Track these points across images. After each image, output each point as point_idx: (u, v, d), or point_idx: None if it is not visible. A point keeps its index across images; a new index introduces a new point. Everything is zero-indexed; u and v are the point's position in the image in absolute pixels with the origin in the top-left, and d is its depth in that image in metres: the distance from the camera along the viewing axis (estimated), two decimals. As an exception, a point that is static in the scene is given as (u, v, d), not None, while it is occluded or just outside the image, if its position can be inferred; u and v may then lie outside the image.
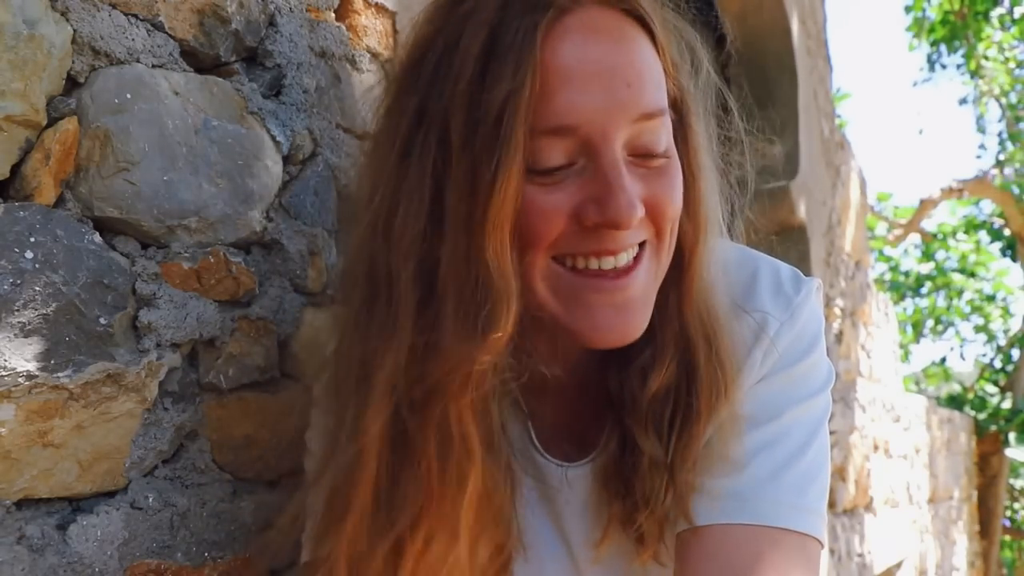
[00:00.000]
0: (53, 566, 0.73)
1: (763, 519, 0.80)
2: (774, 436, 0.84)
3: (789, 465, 0.83)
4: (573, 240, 0.74)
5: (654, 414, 0.81)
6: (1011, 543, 10.87)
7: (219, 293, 0.89)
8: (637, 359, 0.82)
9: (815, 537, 0.82)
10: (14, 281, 0.70)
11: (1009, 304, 13.00)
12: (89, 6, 0.77)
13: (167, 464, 0.86)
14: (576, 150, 0.73)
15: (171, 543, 0.84)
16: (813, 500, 0.83)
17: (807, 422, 0.86)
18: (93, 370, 0.75)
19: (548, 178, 0.73)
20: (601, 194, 0.72)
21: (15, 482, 0.72)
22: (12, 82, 0.70)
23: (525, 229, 0.73)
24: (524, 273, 0.74)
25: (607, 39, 0.73)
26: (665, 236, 0.78)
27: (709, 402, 0.81)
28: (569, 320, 0.76)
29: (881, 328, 5.17)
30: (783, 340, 0.86)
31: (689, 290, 0.81)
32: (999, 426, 8.97)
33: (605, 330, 0.76)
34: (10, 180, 0.73)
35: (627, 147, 0.74)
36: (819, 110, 3.72)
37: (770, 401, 0.85)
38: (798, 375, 0.86)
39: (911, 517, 5.41)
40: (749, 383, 0.84)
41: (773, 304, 0.87)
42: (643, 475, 0.81)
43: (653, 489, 0.81)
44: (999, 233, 12.23)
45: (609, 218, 0.72)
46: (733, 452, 0.82)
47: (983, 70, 11.41)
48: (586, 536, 0.88)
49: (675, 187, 0.77)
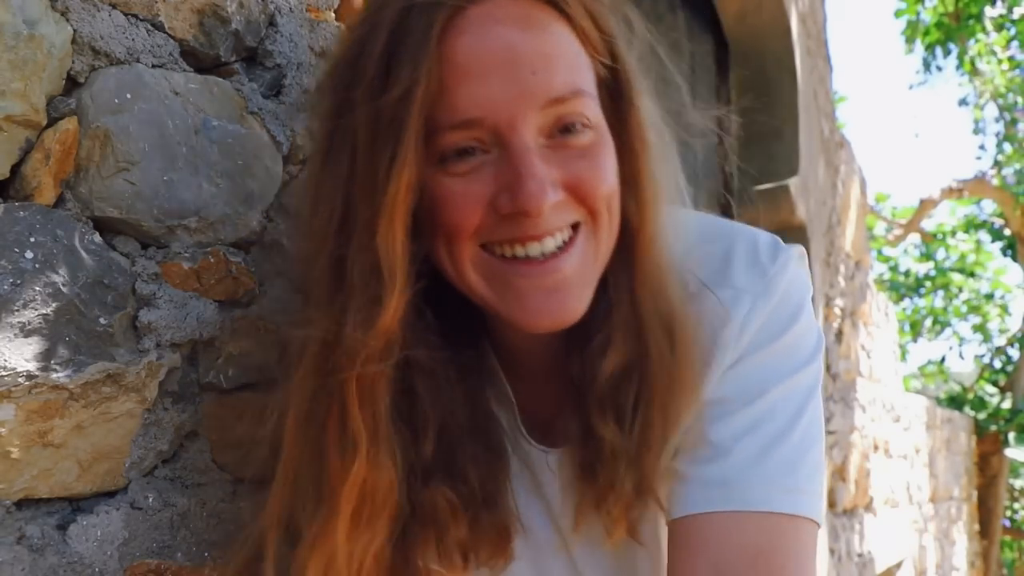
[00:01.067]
0: (53, 566, 0.73)
1: (751, 504, 0.79)
2: (758, 417, 0.82)
3: (776, 445, 0.81)
4: (494, 228, 0.75)
5: (611, 399, 0.81)
6: (1011, 543, 10.88)
7: (219, 293, 0.89)
8: (593, 343, 0.81)
9: (808, 518, 0.81)
10: (14, 281, 0.70)
11: (1008, 303, 13.01)
12: (89, 6, 0.77)
13: (167, 464, 0.86)
14: (488, 140, 0.74)
15: (171, 543, 0.84)
16: (804, 479, 0.81)
17: (793, 397, 0.84)
18: (93, 370, 0.75)
19: (461, 165, 0.74)
20: (511, 182, 0.73)
21: (15, 482, 0.72)
22: (12, 82, 0.70)
23: (446, 220, 0.75)
24: (455, 263, 0.77)
25: (511, 28, 0.73)
26: (601, 216, 0.77)
27: (665, 386, 0.80)
28: (503, 306, 0.77)
29: (881, 328, 5.17)
30: (758, 316, 0.83)
31: (638, 270, 0.81)
32: (999, 426, 8.97)
33: (537, 314, 0.76)
34: (10, 180, 0.73)
35: (543, 132, 0.75)
36: (819, 110, 3.72)
37: (751, 381, 0.83)
38: (780, 350, 0.84)
39: (911, 517, 5.42)
40: (722, 365, 0.82)
41: (747, 278, 0.84)
42: (605, 460, 0.81)
43: (616, 474, 0.81)
44: (999, 233, 12.23)
45: (519, 205, 0.73)
46: (715, 436, 0.81)
47: (979, 72, 11.41)
48: (568, 518, 0.88)
49: (603, 167, 0.77)
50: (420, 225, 0.76)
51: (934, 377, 13.01)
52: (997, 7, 11.06)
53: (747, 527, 0.79)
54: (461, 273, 0.77)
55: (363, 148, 0.74)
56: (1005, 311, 13.01)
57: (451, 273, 0.79)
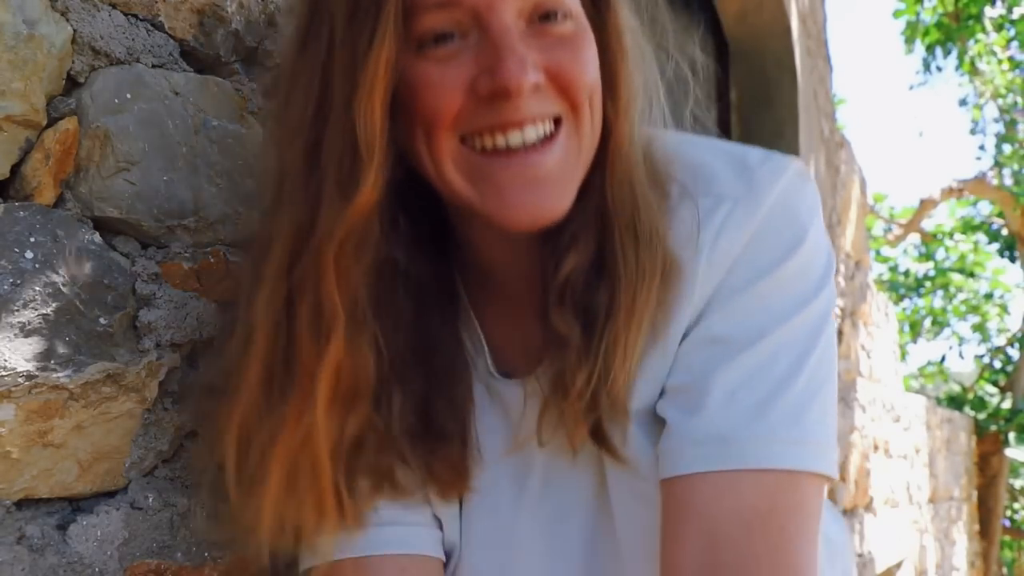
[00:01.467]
0: (53, 566, 0.73)
1: (748, 462, 0.73)
2: (759, 362, 0.75)
3: (779, 393, 0.74)
4: (474, 115, 0.73)
5: (574, 298, 0.78)
6: (1011, 543, 10.87)
7: (219, 293, 0.89)
8: (561, 240, 0.78)
9: (814, 472, 0.75)
10: (14, 281, 0.70)
11: (1007, 302, 13.01)
12: (89, 6, 0.77)
13: (167, 464, 0.85)
14: (467, 23, 0.72)
15: (171, 543, 0.84)
16: (810, 429, 0.75)
17: (800, 336, 0.77)
18: (93, 370, 0.75)
19: (440, 51, 0.72)
20: (491, 63, 0.71)
21: (15, 482, 0.72)
22: (12, 82, 0.70)
23: (424, 107, 0.73)
24: (434, 158, 0.74)
25: None
26: (582, 111, 0.75)
27: (631, 290, 0.76)
28: (481, 204, 0.74)
29: (881, 328, 5.17)
30: (740, 223, 0.77)
31: (610, 169, 0.78)
32: (999, 426, 8.97)
33: (515, 208, 0.73)
34: (10, 180, 0.73)
35: (523, 15, 0.73)
36: (819, 110, 3.72)
37: (751, 319, 0.76)
38: (784, 280, 0.77)
39: (911, 517, 5.42)
40: (697, 275, 0.77)
41: (732, 184, 0.79)
42: (570, 365, 0.77)
43: (581, 377, 0.76)
44: (997, 234, 12.23)
45: (499, 83, 0.71)
46: (711, 385, 0.75)
47: (979, 72, 11.41)
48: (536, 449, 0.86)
49: (585, 59, 0.75)
50: (398, 119, 0.74)
51: (934, 377, 13.01)
52: (997, 7, 11.06)
53: (743, 488, 0.73)
54: (440, 170, 0.75)
55: (341, 29, 0.72)
56: (1004, 310, 13.01)
57: (430, 170, 0.76)
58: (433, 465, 0.84)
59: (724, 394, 0.75)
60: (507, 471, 0.88)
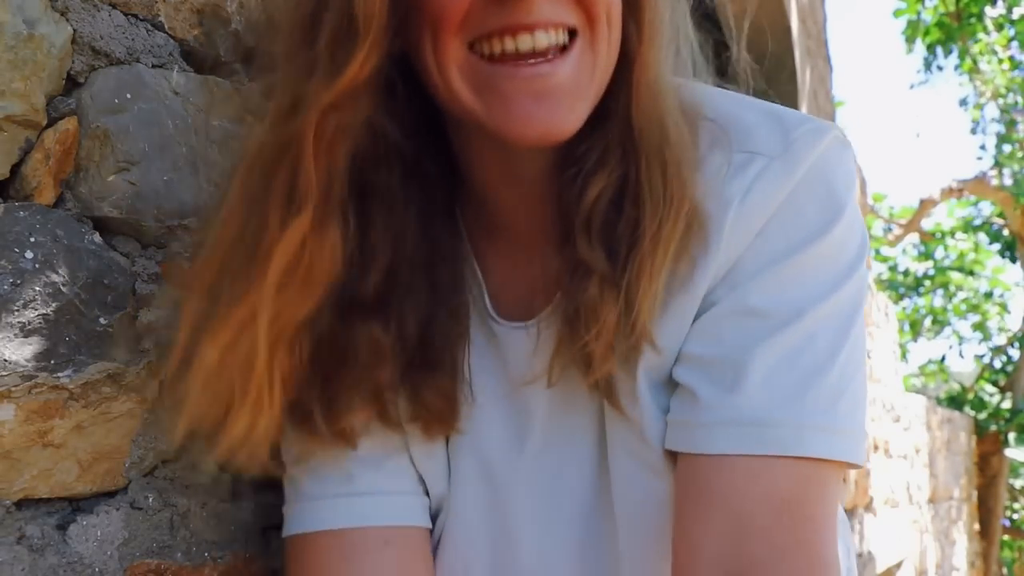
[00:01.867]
0: (53, 566, 0.73)
1: (784, 448, 0.71)
2: (798, 344, 0.72)
3: (815, 378, 0.72)
4: (483, 17, 0.69)
5: (599, 225, 0.75)
6: (1011, 543, 10.87)
7: (219, 293, 0.89)
8: (585, 164, 0.75)
9: (845, 461, 0.73)
10: (14, 281, 0.70)
11: (1007, 301, 13.01)
12: (89, 6, 0.77)
13: (167, 464, 0.85)
14: None
15: (171, 543, 0.84)
16: (843, 417, 0.72)
17: (838, 317, 0.74)
18: (93, 370, 0.75)
19: None
20: None
21: (15, 482, 0.72)
22: (12, 82, 0.70)
23: (431, 6, 0.69)
24: (440, 66, 0.71)
25: None
26: (599, 25, 0.71)
27: (656, 218, 0.73)
28: (488, 116, 0.71)
29: (881, 328, 5.17)
30: (772, 183, 0.74)
31: (636, 94, 0.74)
32: (999, 426, 8.97)
33: (523, 121, 0.69)
34: (10, 180, 0.73)
35: None
36: (819, 110, 3.72)
37: (790, 294, 0.74)
38: (823, 255, 0.74)
39: (911, 517, 5.41)
40: (730, 234, 0.74)
41: (768, 141, 0.76)
42: (593, 298, 0.74)
43: (604, 306, 0.73)
44: (998, 234, 12.24)
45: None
46: (749, 363, 0.72)
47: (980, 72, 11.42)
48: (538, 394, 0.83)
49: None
50: (408, 24, 0.71)
51: (934, 377, 13.01)
52: (997, 7, 11.06)
53: (776, 474, 0.70)
54: (445, 77, 0.71)
55: None
56: (1004, 310, 13.01)
57: (435, 78, 0.72)
58: (423, 393, 0.81)
59: (763, 374, 0.72)
60: (500, 417, 0.86)
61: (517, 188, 0.81)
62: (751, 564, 0.70)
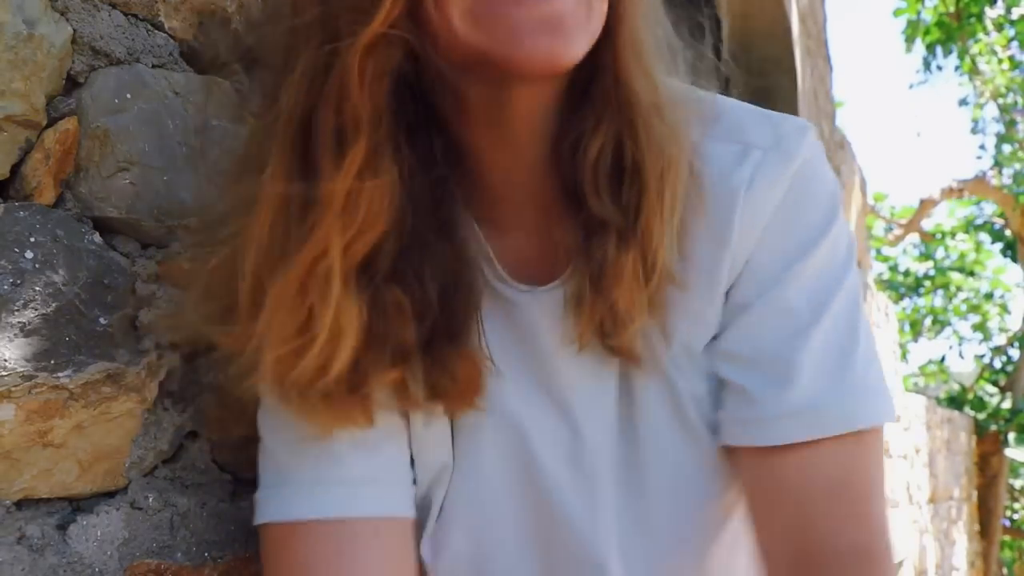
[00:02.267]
0: (53, 566, 0.73)
1: (835, 428, 0.78)
2: (829, 330, 0.80)
3: (849, 357, 0.79)
4: None
5: (605, 182, 0.76)
6: (1011, 543, 10.88)
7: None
8: (581, 127, 0.77)
9: (884, 424, 0.81)
10: (14, 281, 0.70)
11: (1007, 301, 13.02)
12: (89, 6, 0.77)
13: (167, 464, 0.86)
14: None
15: (171, 543, 0.84)
16: (874, 383, 0.80)
17: (849, 296, 0.81)
18: (93, 370, 0.75)
19: None
20: None
21: (15, 482, 0.72)
22: (12, 82, 0.70)
23: None
24: (440, 5, 0.70)
25: None
26: None
27: (658, 166, 0.75)
28: (492, 46, 0.70)
29: (881, 328, 5.17)
30: (772, 173, 0.79)
31: (622, 48, 0.75)
32: (999, 426, 8.98)
33: (531, 50, 0.69)
34: (10, 180, 0.73)
35: None
36: (819, 110, 3.72)
37: (817, 290, 0.80)
38: (830, 249, 0.81)
39: (911, 517, 5.42)
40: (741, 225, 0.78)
41: (758, 133, 0.80)
42: (611, 255, 0.76)
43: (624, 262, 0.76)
44: (999, 234, 12.24)
45: None
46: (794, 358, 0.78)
47: (979, 72, 11.42)
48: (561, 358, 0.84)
49: None
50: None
51: (934, 377, 13.02)
52: (997, 7, 11.06)
53: (831, 452, 0.78)
54: (446, 14, 0.71)
55: None
56: (1004, 310, 13.02)
57: (435, 24, 0.72)
58: (449, 365, 0.80)
59: (810, 367, 0.79)
60: (524, 384, 0.86)
61: (510, 153, 0.81)
62: (819, 538, 0.78)
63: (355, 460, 0.81)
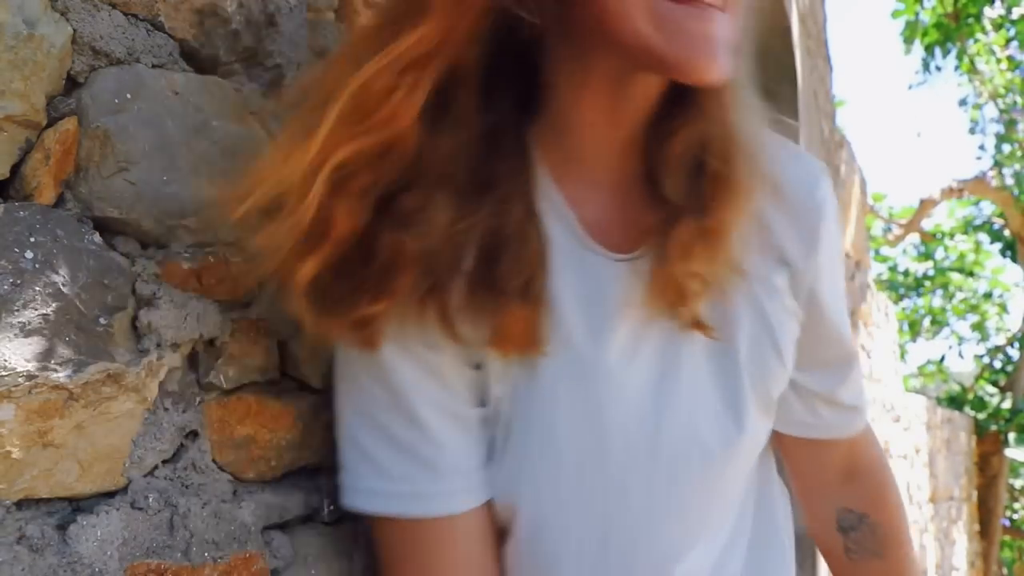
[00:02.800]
0: (53, 566, 0.73)
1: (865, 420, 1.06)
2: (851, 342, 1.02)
3: (857, 359, 1.03)
4: None
5: (685, 174, 0.85)
6: (1011, 543, 10.88)
7: (219, 293, 0.89)
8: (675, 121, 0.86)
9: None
10: (14, 281, 0.70)
11: (1006, 302, 13.02)
12: (89, 6, 0.77)
13: (167, 464, 0.85)
14: None
15: (171, 543, 0.84)
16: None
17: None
18: (93, 370, 0.75)
19: None
20: None
21: (15, 482, 0.72)
22: (12, 82, 0.70)
23: None
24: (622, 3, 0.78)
25: None
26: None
27: (737, 172, 0.85)
28: (668, 50, 0.78)
29: (881, 328, 5.17)
30: (833, 203, 0.95)
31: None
32: (999, 426, 8.98)
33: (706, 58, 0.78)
34: (10, 180, 0.73)
35: None
36: (819, 110, 3.72)
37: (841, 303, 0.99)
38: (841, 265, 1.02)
39: (911, 517, 5.42)
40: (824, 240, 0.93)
41: (814, 162, 0.97)
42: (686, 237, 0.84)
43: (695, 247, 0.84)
44: (999, 234, 12.24)
45: None
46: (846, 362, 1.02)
47: (978, 72, 11.42)
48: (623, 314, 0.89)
49: None
50: None
51: (934, 377, 13.02)
52: (996, 7, 11.06)
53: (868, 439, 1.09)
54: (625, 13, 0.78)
55: None
56: (1004, 310, 13.02)
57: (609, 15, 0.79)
58: (495, 316, 0.83)
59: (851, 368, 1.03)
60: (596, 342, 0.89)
61: (617, 131, 0.88)
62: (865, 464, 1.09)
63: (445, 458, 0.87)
